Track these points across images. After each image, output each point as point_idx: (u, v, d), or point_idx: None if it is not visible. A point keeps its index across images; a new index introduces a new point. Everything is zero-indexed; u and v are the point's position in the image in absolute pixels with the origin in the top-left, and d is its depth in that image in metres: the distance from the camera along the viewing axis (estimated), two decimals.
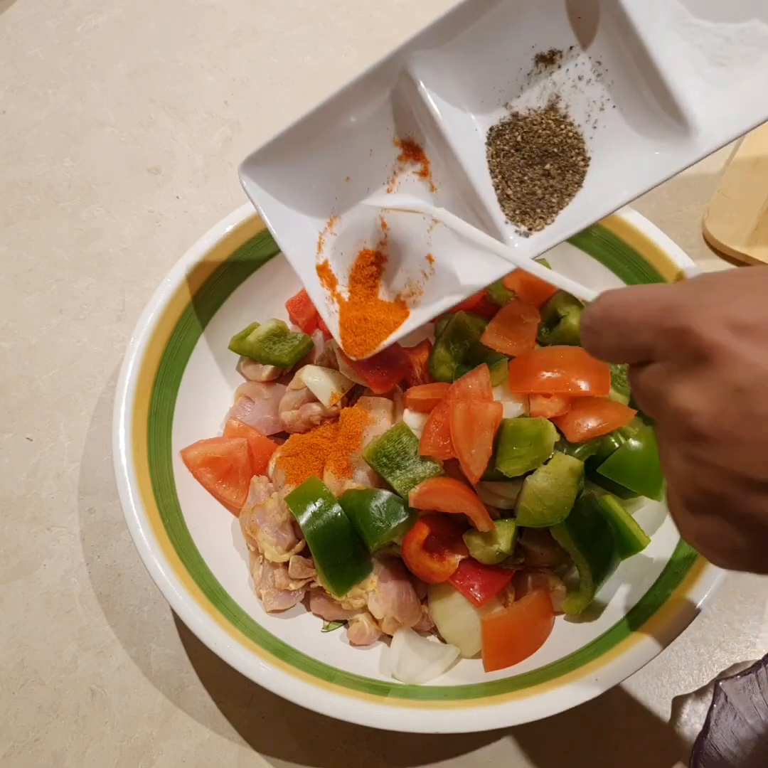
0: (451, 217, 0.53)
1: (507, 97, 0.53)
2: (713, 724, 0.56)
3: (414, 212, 0.56)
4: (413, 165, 0.56)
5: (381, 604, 0.61)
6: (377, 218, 0.58)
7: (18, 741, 0.65)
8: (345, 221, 0.59)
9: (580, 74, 0.52)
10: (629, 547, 0.61)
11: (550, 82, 0.53)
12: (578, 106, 0.53)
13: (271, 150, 0.55)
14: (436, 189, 0.56)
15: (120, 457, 0.62)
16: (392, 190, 0.57)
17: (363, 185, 0.58)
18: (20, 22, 1.04)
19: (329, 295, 0.61)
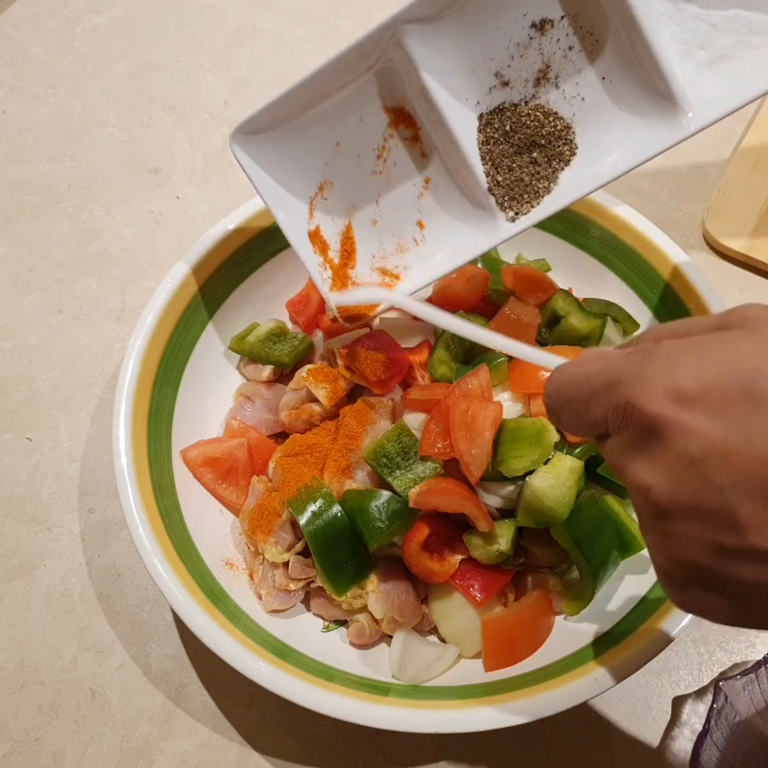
0: (410, 303, 0.56)
1: (498, 66, 0.53)
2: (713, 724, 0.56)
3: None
4: (404, 131, 0.56)
5: (381, 604, 0.61)
6: (367, 181, 0.59)
7: (18, 741, 0.65)
8: (336, 186, 0.59)
9: (571, 44, 0.52)
10: (629, 547, 0.61)
11: (541, 51, 0.53)
12: (568, 77, 0.54)
13: (261, 118, 0.55)
14: (428, 156, 0.57)
15: (120, 457, 0.62)
16: (382, 155, 0.57)
17: (353, 150, 0.58)
18: (20, 22, 1.04)
19: (322, 262, 0.61)
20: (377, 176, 0.58)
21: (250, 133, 0.56)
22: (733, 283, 0.84)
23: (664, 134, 0.53)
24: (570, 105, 0.55)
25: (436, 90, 0.53)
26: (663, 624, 0.55)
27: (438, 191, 0.58)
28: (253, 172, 0.57)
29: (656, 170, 0.89)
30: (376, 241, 0.61)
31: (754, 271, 0.84)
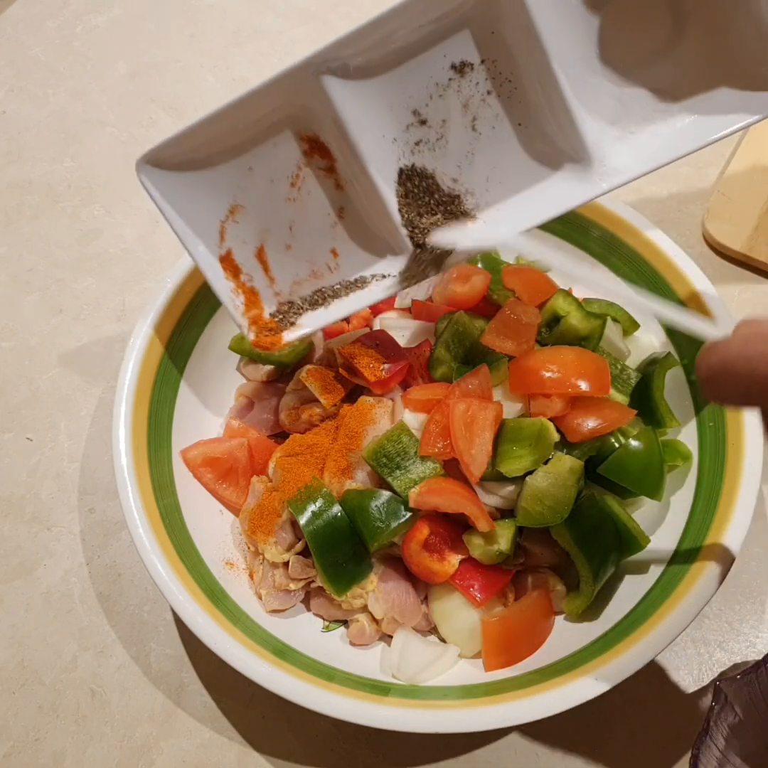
0: (524, 242, 0.52)
1: (416, 104, 0.53)
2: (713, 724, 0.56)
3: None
4: (319, 161, 0.56)
5: (381, 604, 0.61)
6: (280, 207, 0.58)
7: (18, 741, 0.65)
8: (248, 210, 0.58)
9: (489, 89, 0.52)
10: (629, 547, 0.61)
11: (459, 93, 0.53)
12: (485, 121, 0.54)
13: (168, 149, 0.54)
14: (343, 187, 0.56)
15: (120, 457, 0.62)
16: (296, 183, 0.57)
17: (266, 176, 0.57)
18: (20, 22, 1.04)
19: (233, 287, 0.60)
20: (291, 203, 0.58)
21: (158, 163, 0.54)
22: (733, 282, 0.84)
23: (576, 190, 0.53)
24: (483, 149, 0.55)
25: (352, 126, 0.52)
26: (663, 624, 0.55)
27: (352, 221, 0.58)
28: (163, 200, 0.56)
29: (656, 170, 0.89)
30: (291, 266, 0.60)
31: (754, 271, 0.84)
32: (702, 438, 0.65)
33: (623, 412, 0.61)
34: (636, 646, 0.54)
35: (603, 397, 0.61)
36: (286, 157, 0.56)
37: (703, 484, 0.63)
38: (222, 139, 0.54)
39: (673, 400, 0.68)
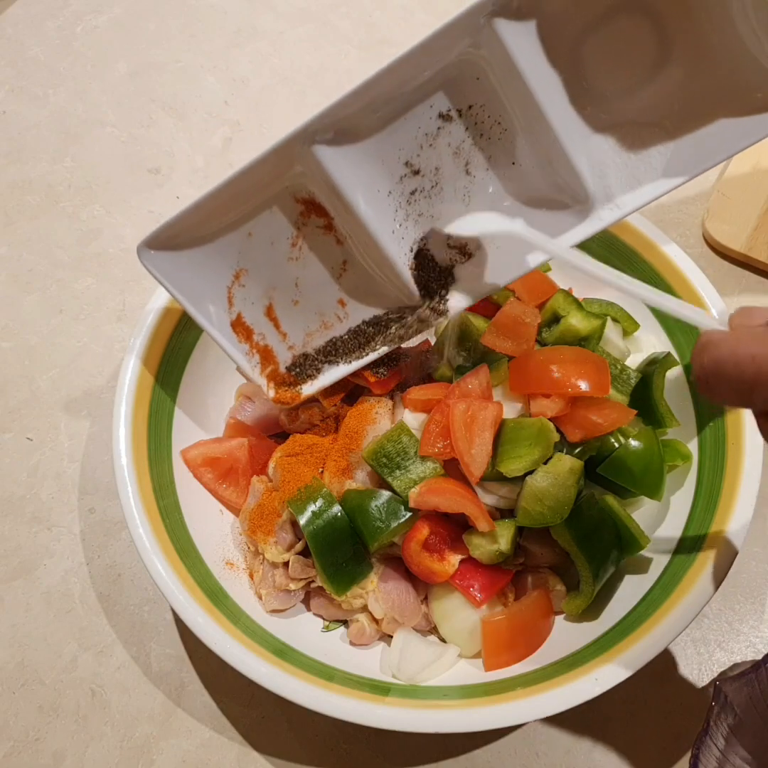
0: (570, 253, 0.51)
1: (407, 155, 0.53)
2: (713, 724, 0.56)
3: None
4: (316, 220, 0.56)
5: (381, 603, 0.61)
6: (284, 266, 0.59)
7: (18, 741, 0.65)
8: (252, 273, 0.59)
9: (480, 132, 0.52)
10: (629, 547, 0.61)
11: (450, 139, 0.53)
12: (479, 164, 0.54)
13: (167, 229, 0.55)
14: (343, 242, 0.57)
15: (120, 457, 0.62)
16: (296, 243, 0.58)
17: (266, 240, 0.58)
18: (20, 22, 1.04)
19: (248, 350, 0.61)
20: (293, 261, 0.58)
21: (158, 246, 0.55)
22: (733, 282, 0.84)
23: (574, 227, 0.53)
24: (479, 192, 0.55)
25: (345, 187, 0.52)
26: (663, 624, 0.55)
27: (356, 272, 0.58)
28: (168, 280, 0.56)
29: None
30: (301, 319, 0.61)
31: (753, 271, 0.84)
32: (702, 438, 0.65)
33: (623, 412, 0.61)
34: (636, 646, 0.54)
35: (603, 397, 0.61)
36: (284, 219, 0.56)
37: (703, 484, 0.63)
38: (218, 214, 0.55)
39: (673, 400, 0.68)
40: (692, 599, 0.55)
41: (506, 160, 0.53)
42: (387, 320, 0.59)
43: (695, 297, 0.67)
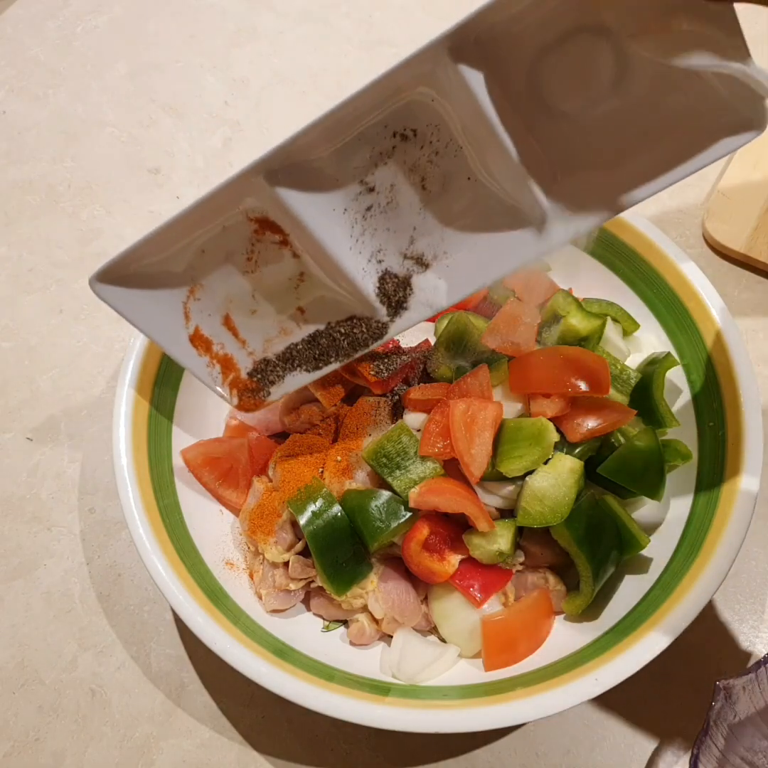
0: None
1: (362, 174, 0.53)
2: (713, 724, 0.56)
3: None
4: (271, 236, 0.56)
5: (381, 604, 0.61)
6: (239, 279, 0.59)
7: (18, 741, 0.65)
8: (206, 287, 0.59)
9: (436, 150, 0.52)
10: (629, 547, 0.61)
11: (405, 158, 0.52)
12: (434, 179, 0.53)
13: (118, 263, 0.55)
14: (299, 256, 0.57)
15: (120, 457, 0.62)
16: (252, 258, 0.57)
17: (220, 255, 0.58)
18: (20, 22, 1.04)
19: (208, 361, 0.61)
20: (249, 275, 0.58)
21: (109, 279, 0.55)
22: (733, 282, 0.84)
23: (531, 243, 0.53)
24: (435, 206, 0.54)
25: (300, 210, 0.52)
26: (663, 624, 0.55)
27: (313, 283, 0.58)
28: (120, 308, 0.57)
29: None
30: (259, 327, 0.61)
31: (753, 271, 0.84)
32: (702, 438, 0.65)
33: (623, 412, 0.61)
34: (636, 646, 0.54)
35: (603, 397, 0.61)
36: (237, 237, 0.56)
37: (703, 484, 0.63)
38: (168, 244, 0.55)
39: (673, 400, 0.68)
40: (692, 599, 0.55)
41: (462, 176, 0.53)
42: (346, 328, 0.59)
43: (695, 297, 0.67)
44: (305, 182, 0.51)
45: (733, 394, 0.63)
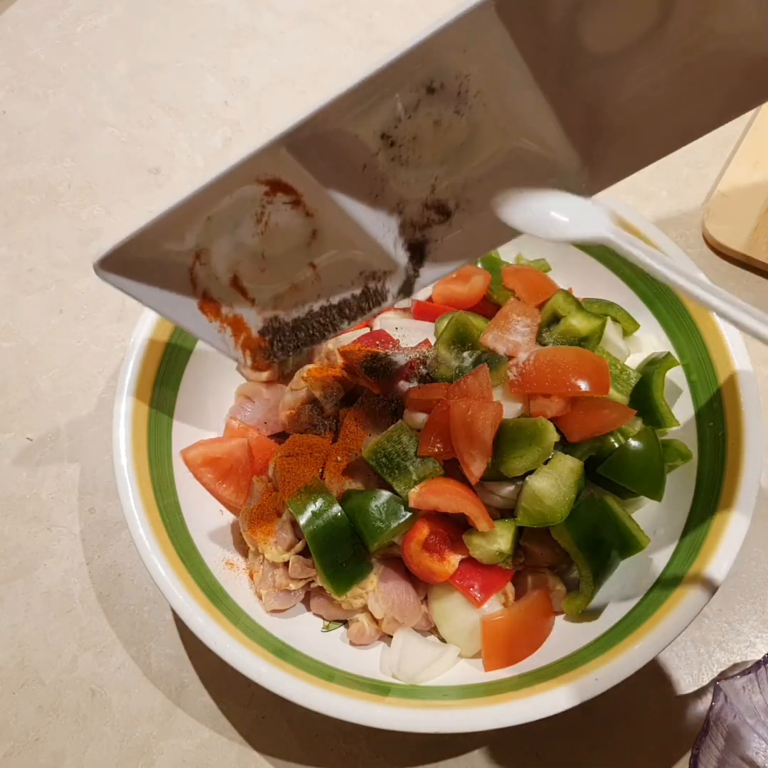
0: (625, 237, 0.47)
1: (384, 129, 0.50)
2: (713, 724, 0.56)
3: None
4: (283, 197, 0.54)
5: (381, 604, 0.61)
6: (248, 241, 0.57)
7: (18, 741, 0.65)
8: (213, 251, 0.57)
9: (463, 101, 0.49)
10: (629, 547, 0.61)
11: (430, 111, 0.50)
12: (459, 130, 0.51)
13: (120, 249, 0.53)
14: (313, 214, 0.54)
15: (120, 457, 0.62)
16: (261, 220, 0.55)
17: (227, 221, 0.55)
18: (20, 22, 1.04)
19: (219, 326, 0.59)
20: (258, 236, 0.56)
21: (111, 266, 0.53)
22: (733, 282, 0.84)
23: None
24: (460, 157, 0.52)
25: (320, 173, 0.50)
26: (663, 624, 0.55)
27: (327, 239, 0.56)
28: (128, 287, 0.55)
29: (656, 170, 0.89)
30: (268, 285, 0.59)
31: (753, 271, 0.84)
32: (702, 438, 0.65)
33: (623, 412, 0.61)
34: (636, 646, 0.54)
35: (603, 397, 0.61)
36: (245, 201, 0.54)
37: (703, 484, 0.63)
38: (177, 225, 0.53)
39: (673, 400, 0.68)
40: (692, 599, 0.55)
41: (489, 126, 0.50)
42: (362, 283, 0.58)
43: None
44: (325, 145, 0.50)
45: (733, 394, 0.63)
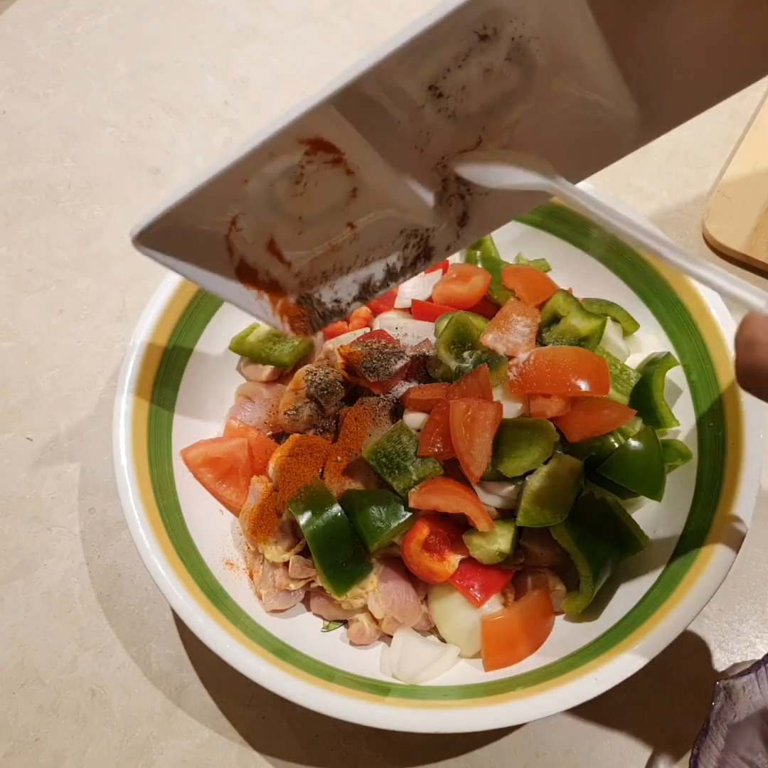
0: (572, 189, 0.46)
1: (432, 80, 0.48)
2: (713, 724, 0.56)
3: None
4: (324, 156, 0.52)
5: (381, 604, 0.61)
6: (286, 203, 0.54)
7: (18, 741, 0.65)
8: (249, 216, 0.55)
9: (515, 48, 0.47)
10: (629, 547, 0.61)
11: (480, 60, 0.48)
12: (511, 78, 0.49)
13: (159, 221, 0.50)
14: (354, 172, 0.53)
15: (120, 457, 0.62)
16: (300, 181, 0.53)
17: (264, 183, 0.53)
18: (20, 22, 1.04)
19: (256, 294, 0.57)
20: (297, 197, 0.54)
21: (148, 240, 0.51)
22: None
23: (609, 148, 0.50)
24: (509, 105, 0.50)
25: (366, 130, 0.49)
26: (663, 624, 0.55)
27: (367, 198, 0.55)
28: (168, 261, 0.53)
29: (656, 170, 0.89)
30: (305, 248, 0.57)
31: (753, 271, 0.84)
32: (702, 438, 0.65)
33: (623, 412, 0.61)
34: (636, 646, 0.54)
35: (603, 397, 0.61)
36: (284, 161, 0.52)
37: (703, 484, 0.63)
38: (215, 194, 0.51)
39: (673, 400, 0.68)
40: (692, 599, 0.55)
41: (543, 73, 0.48)
42: (403, 242, 0.57)
43: (695, 297, 0.67)
44: (372, 101, 0.48)
45: (733, 394, 0.63)
